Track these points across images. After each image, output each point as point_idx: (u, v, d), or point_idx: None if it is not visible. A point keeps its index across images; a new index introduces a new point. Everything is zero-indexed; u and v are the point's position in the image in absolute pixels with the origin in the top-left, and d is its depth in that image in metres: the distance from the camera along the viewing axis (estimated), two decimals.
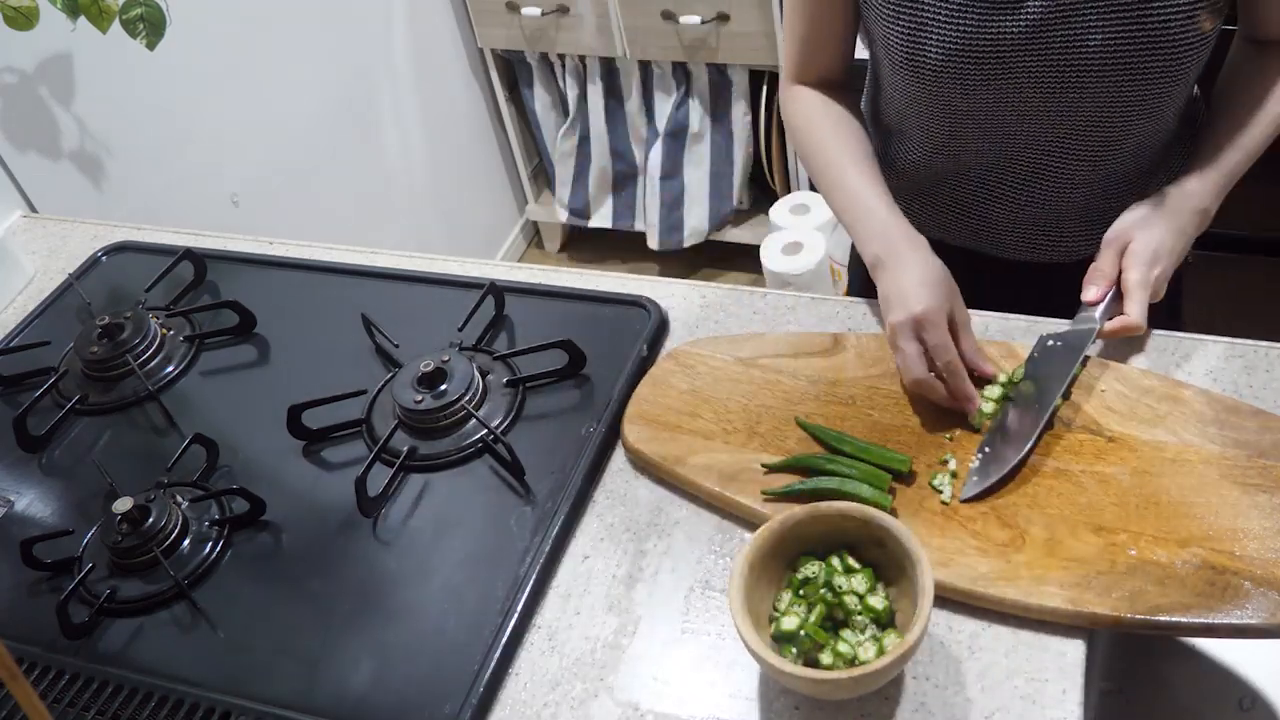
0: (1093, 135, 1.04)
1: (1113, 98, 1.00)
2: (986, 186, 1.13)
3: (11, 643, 0.79)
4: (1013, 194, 1.12)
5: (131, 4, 1.44)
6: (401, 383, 1.07)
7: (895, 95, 1.10)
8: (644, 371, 1.07)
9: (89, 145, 1.68)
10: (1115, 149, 1.06)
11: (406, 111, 2.49)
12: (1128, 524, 0.85)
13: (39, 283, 1.40)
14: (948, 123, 1.07)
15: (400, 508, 1.00)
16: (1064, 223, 1.13)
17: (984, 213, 1.15)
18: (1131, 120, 1.02)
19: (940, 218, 1.18)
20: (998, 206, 1.14)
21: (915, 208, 1.18)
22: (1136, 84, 0.98)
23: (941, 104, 1.05)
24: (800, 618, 0.80)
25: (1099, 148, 1.05)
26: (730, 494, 0.93)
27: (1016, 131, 1.05)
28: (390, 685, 0.87)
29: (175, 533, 1.00)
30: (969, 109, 1.04)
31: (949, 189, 1.15)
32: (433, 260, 1.28)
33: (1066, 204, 1.11)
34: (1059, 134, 1.04)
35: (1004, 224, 1.15)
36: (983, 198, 1.14)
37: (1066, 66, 0.97)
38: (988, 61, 0.99)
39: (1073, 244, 1.14)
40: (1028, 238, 1.15)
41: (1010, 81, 1.00)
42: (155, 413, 1.16)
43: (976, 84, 1.01)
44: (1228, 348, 1.00)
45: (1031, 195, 1.11)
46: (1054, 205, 1.11)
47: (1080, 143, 1.05)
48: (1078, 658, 0.80)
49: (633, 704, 0.84)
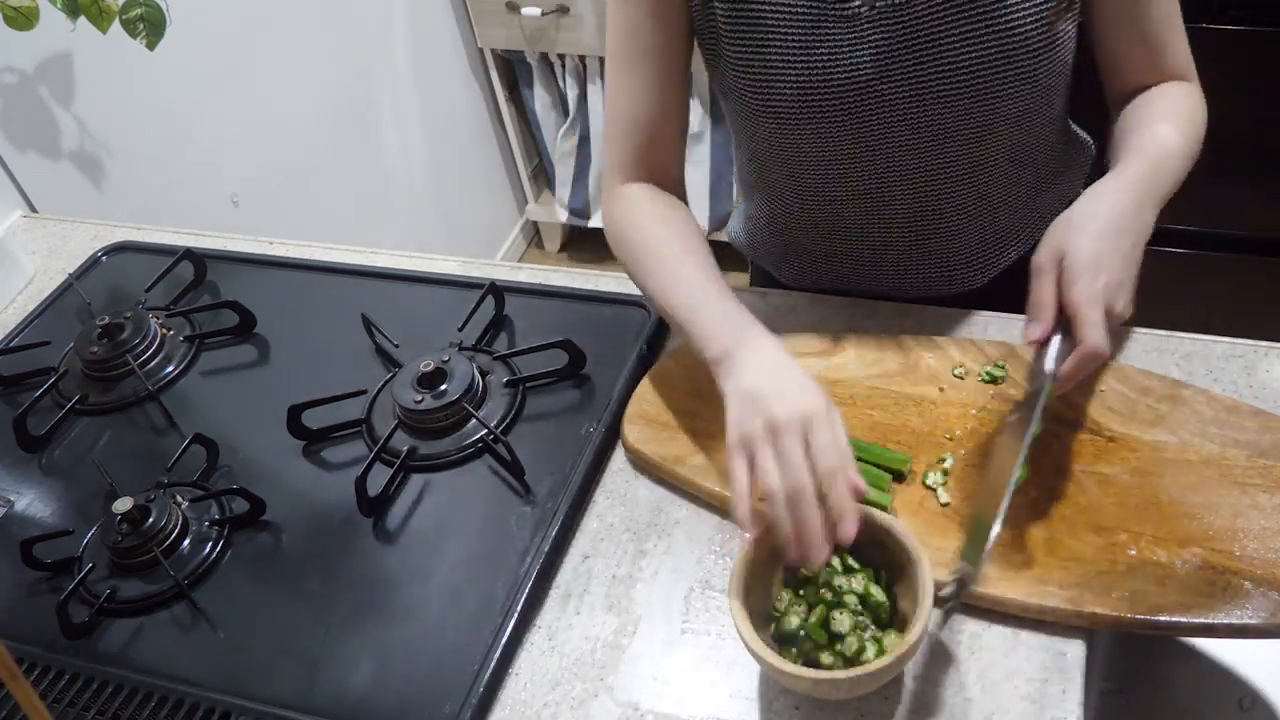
0: (966, 156, 1.00)
1: (978, 113, 0.96)
2: (870, 233, 1.07)
3: (11, 643, 0.79)
4: (901, 234, 1.06)
5: (131, 4, 1.44)
6: (401, 383, 1.07)
7: (757, 149, 1.05)
8: (644, 371, 1.07)
9: (89, 145, 1.68)
10: (993, 167, 1.02)
11: (406, 111, 2.49)
12: (1128, 524, 0.85)
13: (39, 283, 1.40)
14: (817, 171, 1.02)
15: (400, 508, 1.00)
16: (959, 253, 1.08)
17: (875, 258, 1.10)
18: (1002, 133, 0.99)
19: (831, 272, 1.13)
20: (886, 250, 1.08)
21: (807, 265, 1.15)
22: (999, 95, 0.94)
23: (804, 147, 0.99)
24: (800, 618, 0.80)
25: (975, 168, 1.01)
26: (730, 494, 0.93)
27: (888, 167, 1.00)
28: (390, 685, 0.87)
29: (175, 533, 1.00)
30: (833, 148, 0.99)
31: (836, 243, 1.10)
32: (433, 260, 1.28)
33: (957, 233, 1.06)
34: (932, 161, 1.00)
35: (897, 266, 1.09)
36: (869, 245, 1.08)
37: (924, 90, 0.94)
38: (845, 97, 0.94)
39: (971, 273, 1.10)
40: (925, 275, 1.10)
41: (871, 113, 0.96)
42: (155, 413, 1.16)
43: (837, 122, 0.96)
44: (1228, 348, 1.00)
45: (919, 232, 1.06)
46: (944, 237, 1.06)
47: (955, 166, 1.00)
48: (1078, 658, 0.80)
49: (633, 704, 0.84)
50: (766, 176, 1.08)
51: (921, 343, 1.03)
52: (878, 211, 1.05)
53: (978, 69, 0.93)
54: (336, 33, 2.24)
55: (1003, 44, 0.92)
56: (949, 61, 0.93)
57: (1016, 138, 1.00)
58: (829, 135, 0.98)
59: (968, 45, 0.92)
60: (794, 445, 0.78)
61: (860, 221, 1.07)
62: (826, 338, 1.05)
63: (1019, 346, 1.01)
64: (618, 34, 1.00)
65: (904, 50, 0.93)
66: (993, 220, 1.07)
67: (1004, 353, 1.00)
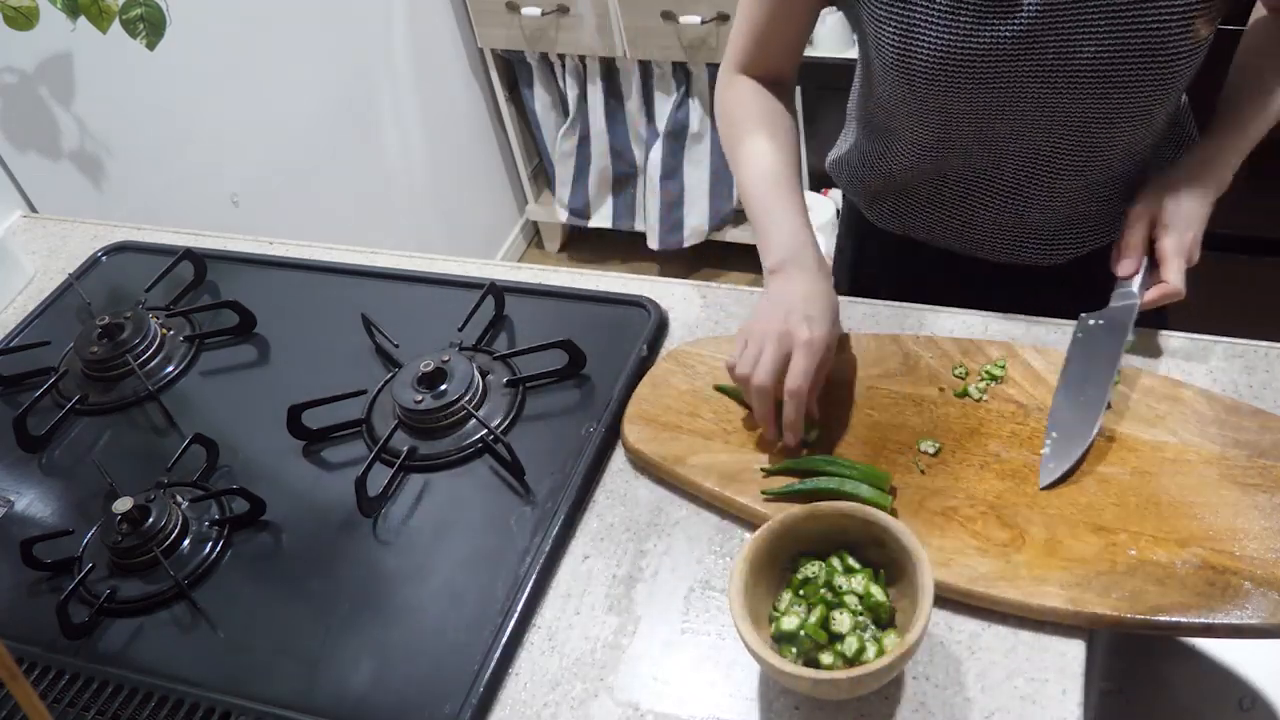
0: (1082, 142, 1.03)
1: (1104, 105, 0.99)
2: (972, 190, 1.11)
3: (11, 643, 0.79)
4: (998, 199, 1.10)
5: (131, 4, 1.44)
6: (401, 383, 1.07)
7: (885, 95, 1.08)
8: (644, 371, 1.07)
9: (89, 145, 1.68)
10: (1103, 156, 1.05)
11: (406, 111, 2.49)
12: (1128, 524, 0.85)
13: (39, 283, 1.40)
14: (936, 126, 1.05)
15: (400, 508, 1.00)
16: (1047, 228, 1.12)
17: (968, 216, 1.14)
18: (1121, 128, 1.01)
19: (924, 218, 1.17)
20: (982, 210, 1.12)
21: (900, 207, 1.17)
22: (1128, 92, 0.97)
23: (931, 107, 1.03)
24: (800, 618, 0.80)
25: (1087, 155, 1.04)
26: (730, 494, 0.93)
27: (1005, 137, 1.04)
28: (390, 685, 0.87)
29: (175, 533, 1.00)
30: (958, 113, 1.02)
31: (935, 190, 1.14)
32: (433, 260, 1.28)
33: (1051, 210, 1.10)
34: (1048, 141, 1.03)
35: (987, 228, 1.14)
36: (968, 201, 1.12)
37: (1058, 74, 0.96)
38: (978, 67, 0.97)
39: (1055, 248, 1.13)
40: (1010, 242, 1.14)
41: (1000, 87, 0.98)
42: (155, 413, 1.16)
43: (966, 89, 0.99)
44: (1228, 348, 1.00)
45: (1017, 201, 1.10)
46: (1038, 211, 1.10)
47: (1068, 150, 1.04)
48: (1078, 658, 0.80)
49: (633, 704, 0.84)
50: (887, 120, 1.11)
51: (921, 343, 1.03)
52: (988, 172, 1.08)
53: (1116, 61, 0.95)
54: (336, 33, 2.24)
55: (1146, 41, 0.93)
56: (1090, 49, 0.94)
57: (1134, 133, 1.03)
58: (957, 100, 1.01)
59: (1110, 35, 0.93)
60: (769, 354, 0.93)
61: (968, 177, 1.10)
62: None
63: (1019, 346, 1.01)
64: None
65: (1047, 30, 0.94)
66: (1090, 205, 1.10)
67: (1004, 353, 1.00)
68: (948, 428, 0.95)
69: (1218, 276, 1.97)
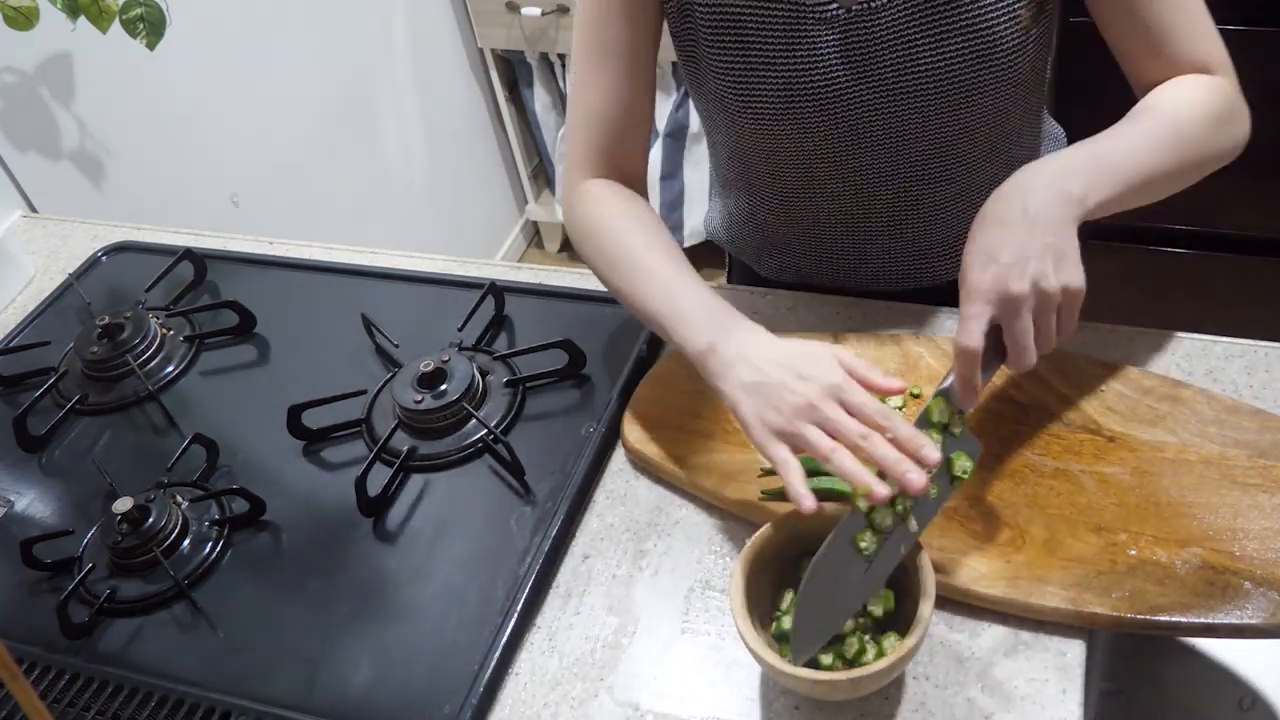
0: (941, 153, 1.01)
1: (952, 113, 0.97)
2: (851, 228, 1.08)
3: (11, 643, 0.79)
4: (879, 230, 1.08)
5: (131, 4, 1.44)
6: (401, 383, 1.07)
7: (737, 149, 1.05)
8: (644, 371, 1.07)
9: (89, 145, 1.68)
10: (972, 163, 1.03)
11: (406, 111, 2.49)
12: (1128, 524, 0.85)
13: (39, 283, 1.40)
14: (795, 167, 1.03)
15: (400, 508, 1.00)
16: (933, 245, 1.09)
17: (855, 253, 1.10)
18: (978, 131, 1.00)
19: (812, 265, 1.14)
20: (867, 245, 1.09)
21: (787, 260, 1.15)
22: (973, 94, 0.95)
23: (785, 148, 1.00)
24: None
25: (951, 163, 1.02)
26: (730, 494, 0.93)
27: (867, 164, 1.01)
28: (390, 685, 0.87)
29: (175, 533, 1.00)
30: (813, 149, 1.00)
31: (815, 236, 1.11)
32: (433, 260, 1.28)
33: (937, 225, 1.07)
34: (908, 158, 1.01)
35: (878, 259, 1.10)
36: (851, 239, 1.09)
37: (902, 90, 0.95)
38: (825, 96, 0.95)
39: (947, 264, 1.11)
40: (901, 268, 1.11)
41: (850, 113, 0.97)
42: (155, 413, 1.16)
43: (815, 121, 0.97)
44: (1227, 347, 1.00)
45: (897, 227, 1.07)
46: (924, 230, 1.07)
47: (934, 162, 1.01)
48: (1078, 658, 0.80)
49: (633, 704, 0.84)
50: (746, 173, 1.09)
51: (921, 343, 1.03)
52: (858, 205, 1.06)
53: (953, 70, 0.94)
54: (336, 33, 2.24)
55: (976, 46, 0.93)
56: (925, 63, 0.94)
57: (993, 134, 1.01)
58: (810, 134, 0.99)
59: (943, 47, 0.93)
60: (838, 414, 0.77)
61: (841, 215, 1.07)
62: (827, 338, 1.05)
63: None
64: (585, 28, 1.00)
65: (882, 52, 0.94)
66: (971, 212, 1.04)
67: None
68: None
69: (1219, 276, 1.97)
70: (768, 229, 1.13)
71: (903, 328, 1.08)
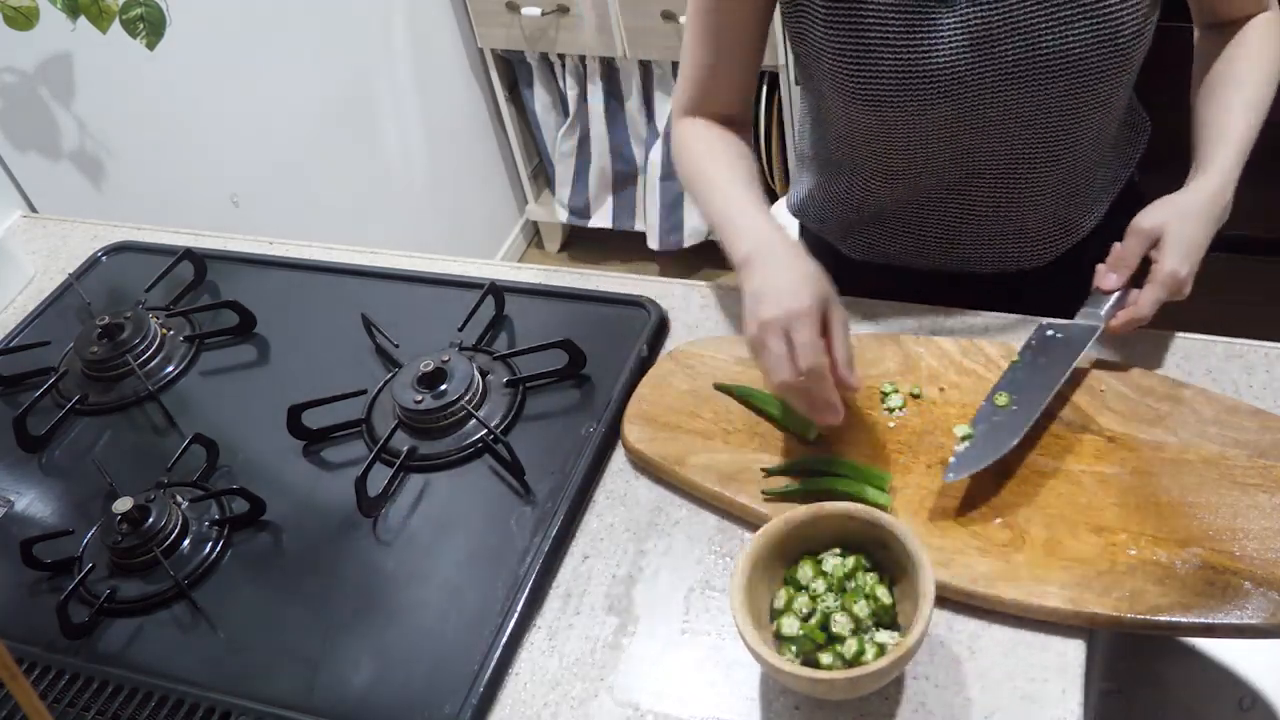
0: (1051, 136, 1.03)
1: (1068, 97, 0.99)
2: (951, 206, 1.10)
3: (11, 643, 0.79)
4: (979, 208, 1.09)
5: (131, 4, 1.44)
6: (401, 383, 1.07)
7: (846, 129, 1.07)
8: (644, 371, 1.07)
9: (89, 145, 1.68)
10: (1074, 146, 1.05)
11: (406, 111, 2.49)
12: (1128, 524, 0.85)
13: (39, 283, 1.40)
14: (905, 150, 1.04)
15: (400, 508, 1.00)
16: (1031, 227, 1.11)
17: (951, 232, 1.12)
18: (1087, 117, 1.02)
19: (905, 244, 1.15)
20: (965, 223, 1.11)
21: (878, 238, 1.16)
22: (1090, 80, 0.97)
23: (898, 129, 1.02)
24: (801, 618, 0.80)
25: (1059, 147, 1.04)
26: (730, 494, 0.93)
27: (977, 145, 1.03)
28: (390, 685, 0.87)
29: (175, 533, 1.00)
30: (925, 132, 1.02)
31: (912, 215, 1.12)
32: (433, 260, 1.28)
33: (1032, 208, 1.09)
34: (1019, 140, 1.03)
35: (972, 240, 1.13)
36: (949, 217, 1.11)
37: (1020, 74, 0.96)
38: (942, 80, 0.97)
39: (1041, 247, 1.13)
40: (997, 249, 1.13)
41: (966, 97, 0.98)
42: (155, 413, 1.16)
43: (933, 105, 0.98)
44: (1227, 347, 1.00)
45: (997, 206, 1.09)
46: (1020, 212, 1.09)
47: (1040, 145, 1.03)
48: (1078, 658, 0.80)
49: (633, 704, 0.84)
50: (852, 154, 1.10)
51: (921, 343, 1.03)
52: (963, 186, 1.08)
53: (1074, 55, 0.95)
54: (336, 33, 2.24)
55: (1098, 31, 0.94)
56: (1046, 47, 0.95)
57: (1102, 119, 1.04)
58: (925, 116, 1.00)
59: (1064, 31, 0.94)
60: (775, 346, 0.87)
61: (944, 194, 1.09)
62: None
63: (1019, 346, 1.00)
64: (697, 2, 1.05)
65: (1003, 35, 0.95)
66: (1070, 197, 1.10)
67: (1004, 352, 1.00)
68: (948, 427, 0.95)
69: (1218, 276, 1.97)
70: (865, 207, 1.14)
71: (903, 328, 1.08)
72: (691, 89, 1.09)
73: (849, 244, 1.20)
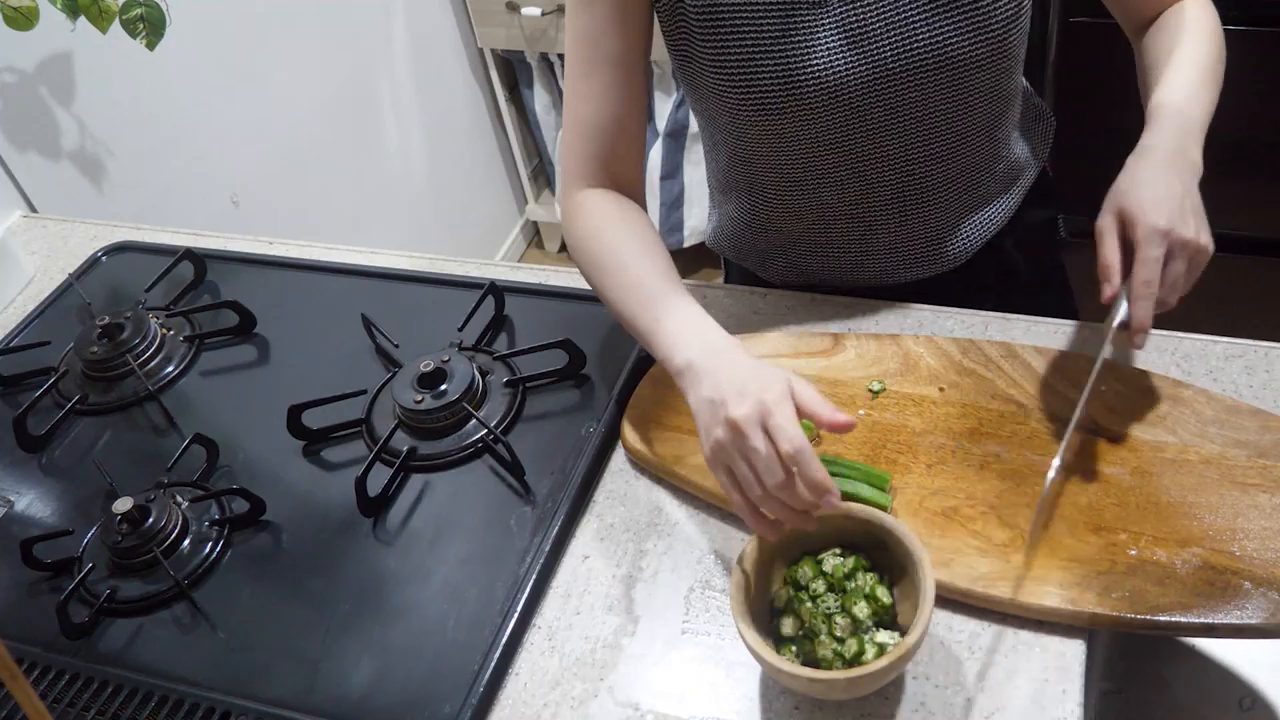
0: (945, 132, 1.01)
1: (951, 90, 0.98)
2: (856, 217, 1.08)
3: (11, 643, 0.79)
4: (884, 217, 1.07)
5: (131, 4, 1.44)
6: (401, 383, 1.07)
7: (738, 148, 1.05)
8: (644, 371, 1.06)
9: (89, 145, 1.68)
10: (970, 140, 1.04)
11: (406, 111, 2.49)
12: (1128, 524, 0.85)
13: (39, 283, 1.40)
14: (802, 160, 1.03)
15: (400, 508, 1.00)
16: (940, 228, 1.09)
17: (861, 244, 1.10)
18: (977, 105, 1.01)
19: (820, 263, 1.13)
20: (873, 233, 1.09)
21: (794, 261, 1.15)
22: (969, 72, 0.97)
23: (787, 139, 1.01)
24: (800, 618, 0.80)
25: (956, 141, 1.03)
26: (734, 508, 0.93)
27: (869, 151, 1.01)
28: (390, 685, 0.87)
29: (175, 533, 1.00)
30: (815, 137, 1.00)
31: (820, 232, 1.10)
32: (433, 260, 1.28)
33: (942, 205, 1.07)
34: (915, 138, 1.01)
35: (882, 249, 1.10)
36: (856, 230, 1.09)
37: (900, 69, 0.95)
38: (824, 81, 0.95)
39: (957, 247, 1.11)
40: (909, 255, 1.11)
41: (852, 96, 0.97)
42: (155, 413, 1.16)
43: (816, 106, 0.97)
44: (1227, 347, 1.00)
45: (903, 211, 1.07)
46: (926, 213, 1.07)
47: (937, 141, 1.02)
48: (1078, 658, 0.80)
49: (633, 704, 0.84)
50: (749, 174, 1.09)
51: (921, 343, 1.03)
52: (864, 194, 1.06)
53: (950, 46, 0.95)
54: (336, 33, 2.24)
55: (973, 18, 0.94)
56: (923, 39, 0.95)
57: (990, 109, 1.03)
58: (812, 121, 0.99)
59: (938, 23, 0.94)
60: (758, 443, 0.77)
61: (847, 206, 1.07)
62: (827, 338, 1.05)
63: (1019, 346, 1.00)
64: (576, 40, 1.00)
65: (879, 31, 0.94)
66: (973, 189, 1.08)
67: (1004, 352, 1.00)
68: (948, 427, 0.95)
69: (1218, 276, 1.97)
70: (771, 230, 1.13)
71: (903, 328, 1.08)
72: (587, 152, 1.01)
73: (768, 269, 1.18)
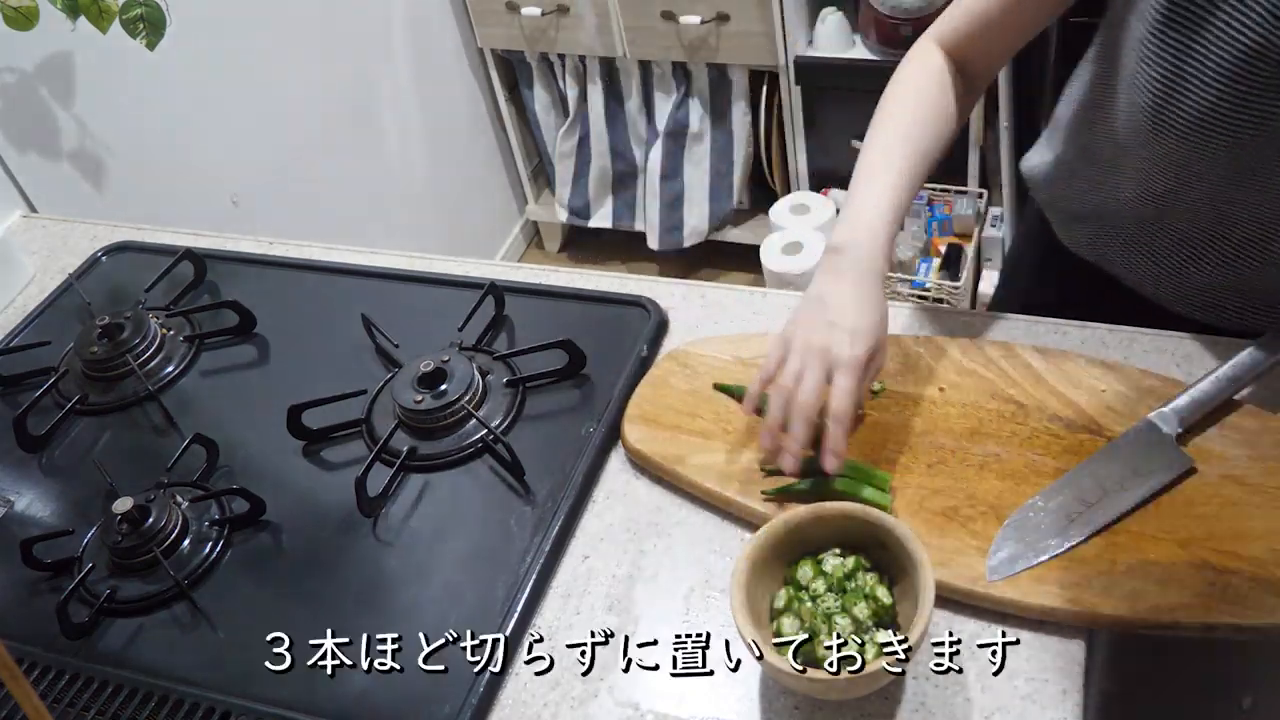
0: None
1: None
2: (1187, 247, 1.00)
3: (11, 643, 0.79)
4: (1214, 259, 0.99)
5: (131, 4, 1.44)
6: (401, 383, 1.07)
7: (1123, 136, 0.96)
8: (644, 371, 1.07)
9: (89, 145, 1.69)
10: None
11: (406, 111, 2.49)
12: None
13: (39, 283, 1.40)
14: (1171, 180, 0.94)
15: (400, 508, 1.00)
16: (1249, 295, 1.01)
17: (1178, 270, 1.02)
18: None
19: (1127, 257, 1.06)
20: (1194, 267, 1.01)
21: (1102, 238, 1.08)
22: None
23: (1174, 162, 0.92)
24: (800, 618, 0.80)
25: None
26: (730, 494, 0.93)
27: (1239, 201, 0.92)
28: (390, 685, 0.87)
29: (175, 533, 1.00)
30: (1200, 173, 0.91)
31: (1148, 236, 1.03)
32: (433, 260, 1.28)
33: (1264, 274, 0.97)
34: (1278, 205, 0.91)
35: (1195, 285, 1.02)
36: (1181, 256, 1.01)
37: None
38: (1243, 134, 0.85)
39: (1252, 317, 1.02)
40: (1212, 302, 1.03)
41: (1257, 153, 0.87)
42: (155, 413, 1.16)
43: (1222, 153, 0.87)
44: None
45: (1232, 264, 0.98)
46: (1251, 275, 0.98)
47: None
48: (1078, 658, 0.80)
49: (633, 704, 0.84)
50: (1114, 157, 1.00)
51: (921, 343, 1.03)
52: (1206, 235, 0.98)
53: None
54: (336, 33, 2.24)
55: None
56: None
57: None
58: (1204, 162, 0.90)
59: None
60: (816, 370, 0.85)
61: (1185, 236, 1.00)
62: None
63: (1019, 346, 1.00)
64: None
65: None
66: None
67: (1004, 352, 1.00)
68: (948, 427, 0.95)
69: None
70: (1103, 206, 1.05)
71: (903, 328, 1.08)
72: (957, 26, 0.99)
73: (1068, 231, 1.11)
